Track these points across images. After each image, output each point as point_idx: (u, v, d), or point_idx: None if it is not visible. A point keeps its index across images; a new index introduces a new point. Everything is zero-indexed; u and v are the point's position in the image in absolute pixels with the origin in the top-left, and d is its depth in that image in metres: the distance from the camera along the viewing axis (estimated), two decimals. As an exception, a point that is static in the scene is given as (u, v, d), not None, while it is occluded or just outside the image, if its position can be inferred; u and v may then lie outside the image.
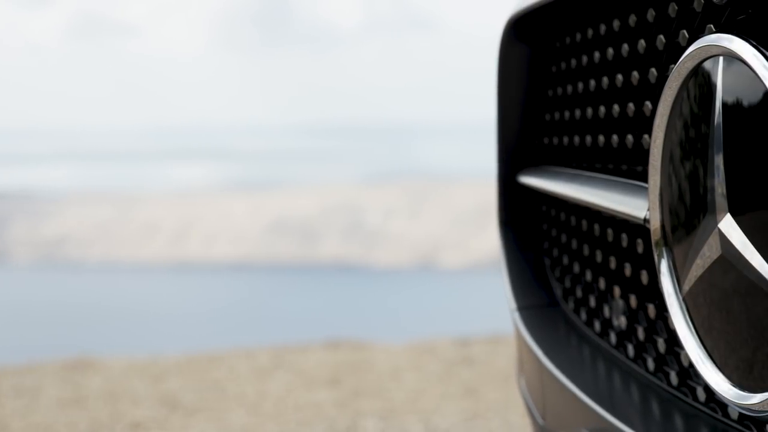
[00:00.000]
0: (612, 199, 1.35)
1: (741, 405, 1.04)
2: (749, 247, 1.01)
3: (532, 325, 1.67)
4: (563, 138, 1.67)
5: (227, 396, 5.26)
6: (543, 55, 1.72)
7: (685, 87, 1.10)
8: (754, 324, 1.01)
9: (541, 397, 1.56)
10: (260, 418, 4.86)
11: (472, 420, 4.75)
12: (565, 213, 1.68)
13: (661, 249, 1.18)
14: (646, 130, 1.32)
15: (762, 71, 0.96)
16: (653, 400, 1.32)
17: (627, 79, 1.38)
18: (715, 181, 1.05)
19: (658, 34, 1.28)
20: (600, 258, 1.53)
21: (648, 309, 1.37)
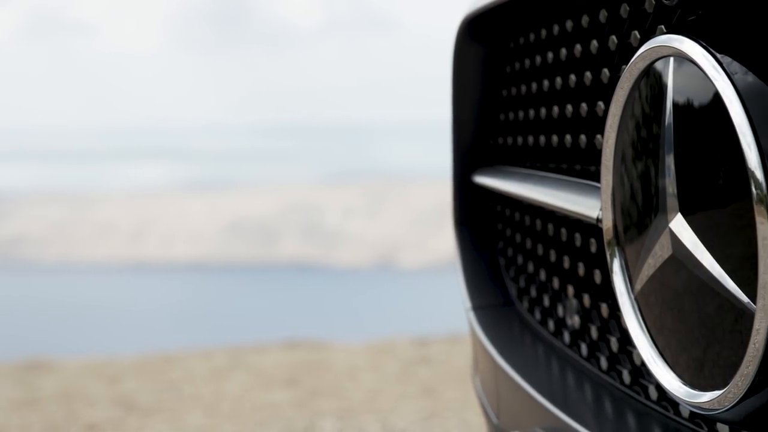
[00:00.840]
0: (565, 199, 1.36)
1: (691, 403, 1.05)
2: (700, 247, 1.01)
3: (487, 324, 1.68)
4: (517, 138, 1.68)
5: (184, 397, 5.24)
6: (497, 55, 1.72)
7: (636, 87, 1.11)
8: (704, 323, 1.02)
9: (495, 396, 1.57)
10: (217, 418, 4.84)
11: (429, 419, 4.76)
12: (520, 213, 1.69)
13: (613, 248, 1.19)
14: (599, 131, 1.32)
15: (711, 72, 0.97)
16: (606, 398, 1.33)
17: (580, 80, 1.39)
18: (666, 181, 1.05)
19: (610, 35, 1.28)
20: (554, 257, 1.54)
21: (601, 308, 1.37)
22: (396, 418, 4.78)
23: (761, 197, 0.90)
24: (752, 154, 0.91)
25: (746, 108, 0.92)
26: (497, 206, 1.80)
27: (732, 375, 0.97)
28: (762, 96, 0.93)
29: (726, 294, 0.98)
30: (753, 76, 0.94)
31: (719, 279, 0.99)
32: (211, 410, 4.98)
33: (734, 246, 0.95)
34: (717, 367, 1.01)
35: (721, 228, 0.97)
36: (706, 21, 1.03)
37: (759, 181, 0.90)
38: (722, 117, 0.94)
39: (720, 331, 0.99)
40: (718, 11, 1.02)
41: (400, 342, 6.65)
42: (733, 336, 0.97)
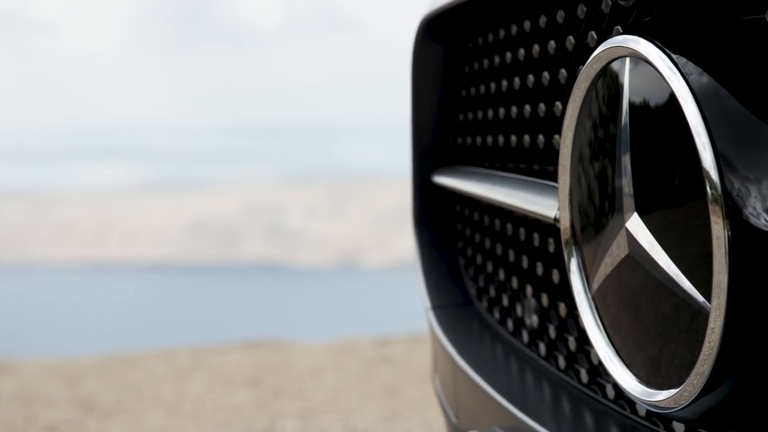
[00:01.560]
0: (523, 199, 1.36)
1: (647, 402, 1.06)
2: (656, 247, 1.02)
3: (446, 323, 1.68)
4: (477, 138, 1.68)
5: (144, 397, 5.21)
6: (456, 56, 1.72)
7: (593, 88, 1.11)
8: (660, 322, 1.03)
9: (454, 395, 1.57)
10: (178, 419, 4.82)
11: (391, 419, 4.76)
12: (479, 212, 1.69)
13: (571, 248, 1.19)
14: (557, 131, 1.33)
15: (667, 72, 0.97)
16: (564, 397, 1.34)
17: (538, 80, 1.39)
18: (622, 181, 1.06)
19: (567, 36, 1.29)
20: (513, 257, 1.54)
21: (559, 308, 1.38)
22: (358, 418, 4.78)
23: (715, 197, 0.90)
24: (707, 155, 0.92)
25: (701, 108, 0.93)
26: (457, 206, 1.80)
27: (687, 374, 0.98)
28: (717, 96, 0.93)
29: (681, 293, 0.98)
30: (708, 77, 0.94)
31: (675, 278, 0.99)
32: (172, 411, 4.96)
33: (689, 246, 0.96)
34: (673, 366, 1.02)
35: (676, 228, 0.98)
36: (662, 22, 1.03)
37: (713, 182, 0.91)
38: (677, 117, 0.95)
39: (676, 330, 1.00)
40: (674, 12, 1.03)
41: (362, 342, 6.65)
42: (689, 335, 0.98)
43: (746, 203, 0.89)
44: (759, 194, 0.89)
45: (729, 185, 0.90)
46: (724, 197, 0.89)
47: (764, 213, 0.88)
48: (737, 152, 0.91)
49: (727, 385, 0.95)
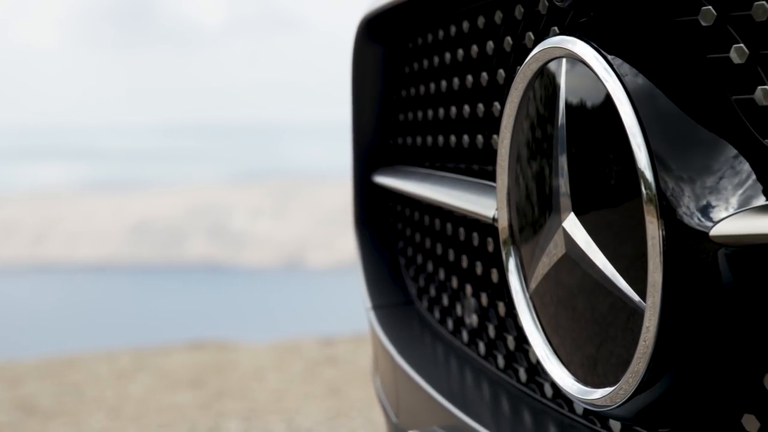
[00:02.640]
0: (462, 199, 1.37)
1: (584, 400, 1.06)
2: (592, 246, 1.02)
3: (387, 323, 1.68)
4: (417, 138, 1.68)
5: (86, 399, 5.17)
6: (396, 56, 1.73)
7: (530, 88, 1.12)
8: (597, 321, 1.03)
9: (395, 395, 1.57)
10: (120, 421, 4.78)
11: (335, 419, 4.76)
12: (419, 212, 1.69)
13: (509, 248, 1.19)
14: (496, 131, 1.33)
15: (603, 73, 0.98)
16: (503, 396, 1.34)
17: (476, 80, 1.39)
18: (559, 181, 1.07)
19: (505, 36, 1.29)
20: (452, 257, 1.54)
21: (498, 307, 1.38)
22: (301, 418, 4.77)
23: (650, 197, 0.91)
24: (642, 155, 0.92)
25: (636, 109, 0.94)
26: (397, 206, 1.80)
27: (623, 372, 0.99)
28: (651, 97, 0.94)
29: (617, 292, 0.99)
30: (643, 78, 0.95)
31: (611, 278, 1.00)
32: (114, 412, 4.92)
33: (625, 245, 0.97)
34: (609, 364, 1.02)
35: (612, 227, 0.99)
36: (598, 23, 1.04)
37: (648, 182, 0.91)
38: (613, 118, 0.95)
39: (612, 329, 1.01)
40: (610, 13, 1.04)
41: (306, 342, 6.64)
42: (625, 334, 0.98)
43: (680, 203, 0.89)
44: (692, 194, 0.89)
45: (663, 185, 0.90)
46: (659, 197, 0.90)
47: (698, 212, 0.89)
48: (671, 152, 0.92)
49: (662, 383, 0.95)
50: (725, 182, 0.89)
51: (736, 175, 0.89)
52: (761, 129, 0.89)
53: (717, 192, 0.89)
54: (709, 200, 0.89)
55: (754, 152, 0.89)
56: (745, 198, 0.88)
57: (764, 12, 0.87)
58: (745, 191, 0.89)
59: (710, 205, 0.89)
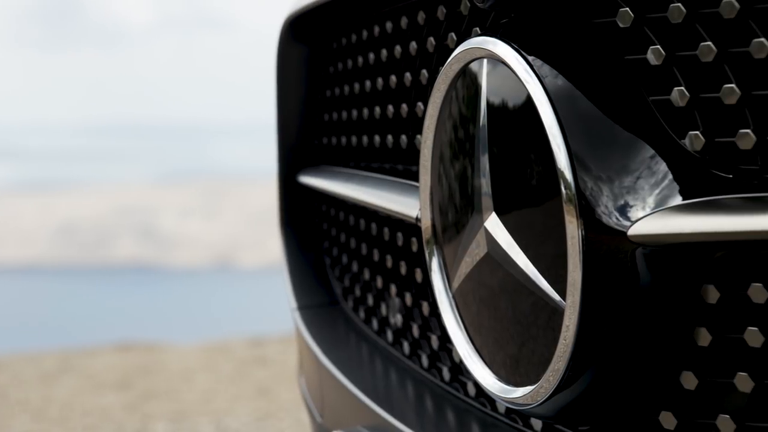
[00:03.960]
0: (386, 199, 1.37)
1: (505, 399, 1.07)
2: (513, 246, 1.03)
3: (312, 323, 1.68)
4: (342, 138, 1.68)
5: (10, 402, 5.09)
6: (320, 56, 1.72)
7: (452, 88, 1.12)
8: (518, 321, 1.04)
9: (319, 395, 1.57)
10: (45, 423, 4.72)
11: (264, 420, 4.74)
12: (344, 212, 1.69)
13: (432, 247, 1.20)
14: (419, 131, 1.34)
15: (523, 74, 0.98)
16: (427, 395, 1.34)
17: (400, 81, 1.40)
18: (481, 181, 1.07)
19: (428, 37, 1.30)
20: (377, 257, 1.54)
21: (422, 307, 1.39)
22: (230, 419, 4.75)
23: (570, 197, 0.92)
24: (561, 155, 0.93)
25: (556, 110, 0.94)
26: (323, 206, 1.80)
27: (544, 371, 0.99)
28: (571, 98, 0.95)
29: (538, 292, 1.00)
30: (563, 79, 0.96)
31: (532, 277, 1.01)
32: (39, 415, 4.86)
33: (546, 245, 0.97)
34: (531, 363, 1.03)
35: (533, 227, 0.99)
36: (519, 24, 1.05)
37: (568, 182, 0.92)
38: (533, 118, 0.96)
39: (533, 328, 1.01)
40: (530, 15, 1.04)
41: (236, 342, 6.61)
42: (546, 333, 0.99)
43: (599, 202, 0.90)
44: (611, 193, 0.90)
45: (582, 185, 0.91)
46: (578, 197, 0.91)
47: (616, 212, 0.90)
48: (590, 153, 0.93)
49: (582, 382, 0.96)
50: (642, 182, 0.90)
51: (653, 175, 0.90)
52: (678, 129, 0.90)
53: (635, 192, 0.90)
54: (627, 200, 0.90)
55: (671, 152, 0.91)
56: (662, 198, 0.89)
57: (680, 14, 0.88)
58: (662, 191, 0.90)
59: (628, 204, 0.90)
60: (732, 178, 0.87)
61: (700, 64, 0.87)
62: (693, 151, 0.89)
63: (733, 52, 0.84)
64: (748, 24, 0.82)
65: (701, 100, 0.88)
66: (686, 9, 0.87)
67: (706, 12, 0.86)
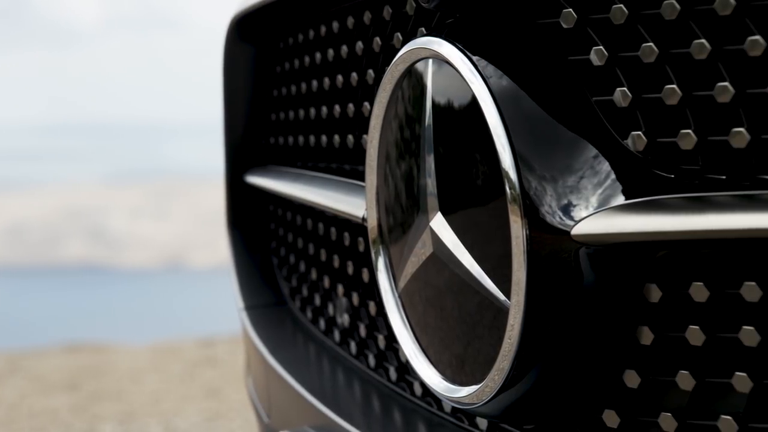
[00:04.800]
0: (333, 199, 1.37)
1: (450, 398, 1.07)
2: (459, 245, 1.03)
3: (259, 324, 1.67)
4: (289, 138, 1.68)
5: (-43, 405, 5.04)
6: (267, 55, 1.72)
7: (398, 88, 1.12)
8: (464, 320, 1.04)
9: (266, 395, 1.57)
10: (-8, 426, 4.67)
11: (213, 420, 4.72)
12: (292, 212, 1.69)
13: (378, 247, 1.20)
14: (366, 131, 1.34)
15: (468, 74, 0.98)
16: (374, 395, 1.34)
17: (347, 81, 1.40)
18: (426, 181, 1.07)
19: (374, 37, 1.30)
20: (324, 257, 1.54)
21: (369, 306, 1.39)
22: (179, 420, 4.72)
23: (514, 197, 0.92)
24: (506, 155, 0.93)
25: (500, 110, 0.95)
26: (270, 206, 1.80)
27: (489, 370, 1.00)
28: (515, 98, 0.95)
29: (483, 291, 1.00)
30: (507, 79, 0.96)
31: (477, 277, 1.01)
32: (-14, 418, 4.81)
33: (491, 244, 0.98)
34: (477, 363, 1.03)
35: (478, 227, 1.00)
36: (464, 24, 1.05)
37: (512, 182, 0.92)
38: (478, 118, 0.96)
39: (479, 327, 1.01)
40: (475, 15, 1.05)
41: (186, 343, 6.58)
42: (491, 332, 0.99)
43: (543, 202, 0.91)
44: (555, 193, 0.91)
45: (527, 185, 0.91)
46: (522, 196, 0.91)
47: (560, 211, 0.90)
48: (535, 153, 0.93)
49: (526, 381, 0.97)
50: (586, 182, 0.91)
51: (596, 175, 0.91)
52: (620, 130, 0.91)
53: (578, 191, 0.91)
54: (571, 199, 0.91)
55: (614, 152, 0.91)
56: (605, 197, 0.90)
57: (622, 15, 0.88)
58: (605, 191, 0.90)
59: (572, 204, 0.91)
60: (674, 178, 0.87)
61: (642, 64, 0.87)
62: (635, 151, 0.90)
63: (674, 53, 0.85)
64: (688, 25, 0.83)
65: (643, 100, 0.88)
66: (628, 10, 0.88)
67: (648, 13, 0.86)
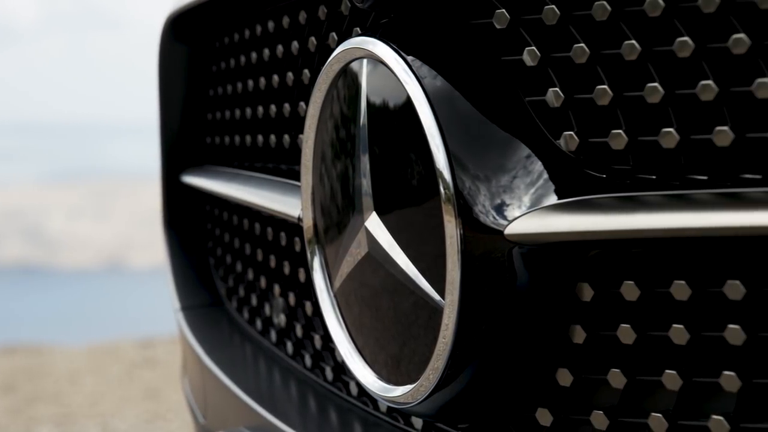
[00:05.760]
0: (269, 198, 1.36)
1: (385, 398, 1.07)
2: (394, 245, 1.03)
3: (195, 324, 1.66)
4: (225, 138, 1.67)
5: None
6: (203, 55, 1.71)
7: (333, 88, 1.12)
8: (400, 320, 1.04)
9: (202, 396, 1.56)
10: (-75, 430, 4.60)
11: (152, 422, 4.68)
12: (228, 213, 1.68)
13: (314, 247, 1.20)
14: (302, 131, 1.33)
15: (402, 75, 0.99)
16: (310, 395, 1.34)
17: (283, 80, 1.39)
18: (361, 181, 1.07)
19: (310, 36, 1.29)
20: (261, 257, 1.54)
21: (305, 306, 1.38)
22: (118, 421, 4.69)
23: (448, 196, 0.92)
24: (440, 156, 0.94)
25: (434, 110, 0.95)
26: (207, 206, 1.79)
27: (424, 370, 1.00)
28: (450, 99, 0.95)
29: (419, 291, 1.00)
30: (441, 79, 0.96)
31: (412, 276, 1.01)
32: None
33: (426, 244, 0.98)
34: (411, 362, 1.03)
35: (413, 227, 1.00)
36: (398, 24, 1.05)
37: (447, 182, 0.93)
38: (413, 118, 0.96)
39: (414, 327, 1.02)
40: (409, 15, 1.05)
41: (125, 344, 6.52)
42: (427, 332, 0.99)
43: (477, 202, 0.91)
44: (488, 193, 0.91)
45: (461, 184, 0.92)
46: (456, 196, 0.91)
47: (493, 211, 0.91)
48: (469, 153, 0.93)
49: (461, 380, 0.97)
50: (519, 182, 0.91)
51: (529, 175, 0.91)
52: (553, 130, 0.91)
53: (511, 191, 0.91)
54: (504, 199, 0.91)
55: (547, 152, 0.92)
56: (538, 197, 0.90)
57: (554, 16, 0.89)
58: (537, 190, 0.91)
59: (505, 204, 0.91)
60: (605, 177, 0.88)
61: (573, 65, 0.88)
62: (568, 151, 0.90)
63: (605, 54, 0.85)
64: (619, 26, 0.84)
65: (575, 101, 0.89)
66: (560, 11, 0.88)
67: (579, 14, 0.87)
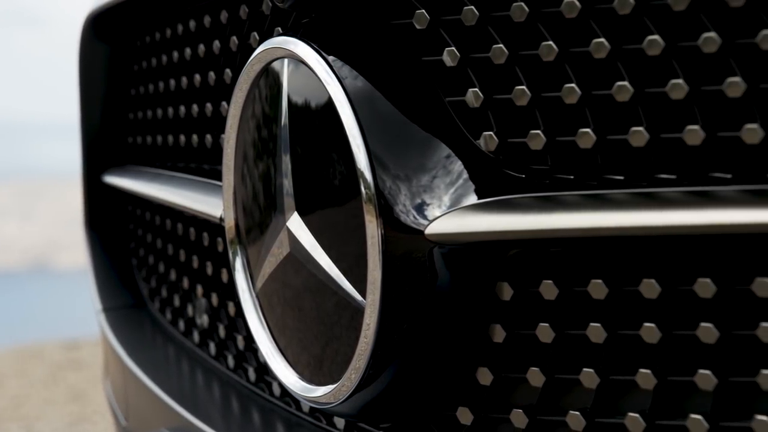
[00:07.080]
0: (191, 199, 1.36)
1: (307, 398, 1.07)
2: (316, 246, 1.03)
3: (117, 326, 1.65)
4: (148, 137, 1.66)
5: None
6: (124, 54, 1.69)
7: (255, 88, 1.12)
8: (322, 321, 1.04)
9: (124, 398, 1.54)
10: None
11: (77, 424, 4.63)
12: (151, 213, 1.67)
13: (236, 247, 1.19)
14: (224, 131, 1.33)
15: (323, 75, 0.98)
16: (233, 396, 1.34)
17: (205, 80, 1.38)
18: (283, 181, 1.07)
19: (231, 36, 1.29)
20: (183, 257, 1.53)
21: (228, 307, 1.38)
22: (41, 424, 4.63)
23: (369, 197, 0.92)
24: (361, 156, 0.94)
25: (355, 110, 0.95)
26: (129, 206, 1.77)
27: (346, 370, 1.00)
28: (370, 99, 0.95)
29: (340, 291, 1.00)
30: (362, 80, 0.96)
31: (334, 277, 1.01)
32: None
33: (347, 244, 0.98)
34: (334, 363, 1.03)
35: (335, 227, 1.00)
36: (319, 24, 1.05)
37: (367, 182, 0.93)
38: (334, 119, 0.96)
39: (336, 327, 1.02)
40: (330, 15, 1.05)
41: (50, 346, 6.44)
42: (349, 332, 0.99)
43: (398, 202, 0.91)
44: (409, 192, 0.91)
45: (382, 184, 0.92)
46: (377, 196, 0.91)
47: (414, 211, 0.91)
48: (389, 153, 0.93)
49: (382, 379, 0.97)
50: (439, 181, 0.92)
51: (449, 175, 0.92)
52: (473, 130, 0.92)
53: (431, 191, 0.91)
54: (425, 199, 0.91)
55: (466, 152, 0.92)
56: (457, 197, 0.91)
57: (473, 16, 0.89)
58: (457, 190, 0.91)
59: (425, 203, 0.91)
60: (524, 177, 0.89)
61: (492, 66, 0.89)
62: (487, 151, 0.91)
63: (523, 55, 0.86)
64: (537, 27, 0.84)
65: (494, 101, 0.89)
66: (479, 12, 0.89)
67: (498, 15, 0.88)
